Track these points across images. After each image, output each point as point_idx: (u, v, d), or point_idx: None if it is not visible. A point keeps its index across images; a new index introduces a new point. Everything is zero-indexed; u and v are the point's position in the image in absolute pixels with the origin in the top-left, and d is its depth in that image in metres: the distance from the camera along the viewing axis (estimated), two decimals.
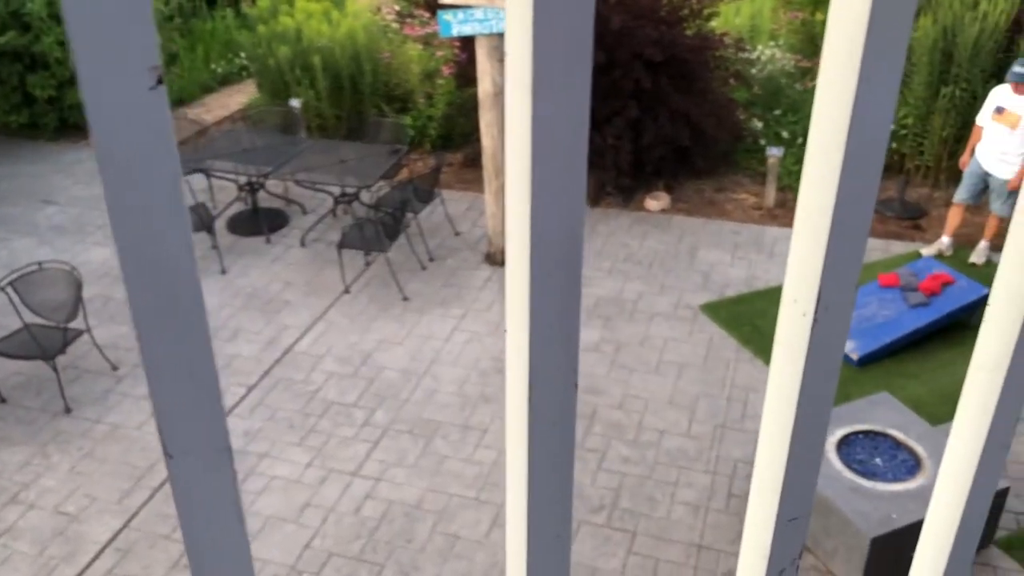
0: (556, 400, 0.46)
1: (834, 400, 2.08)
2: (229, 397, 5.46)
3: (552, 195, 0.40)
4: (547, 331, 0.44)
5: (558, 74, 0.37)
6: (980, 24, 7.34)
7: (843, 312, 0.47)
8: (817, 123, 0.42)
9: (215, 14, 11.01)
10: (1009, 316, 0.50)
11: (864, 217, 0.44)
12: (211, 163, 7.12)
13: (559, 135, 0.39)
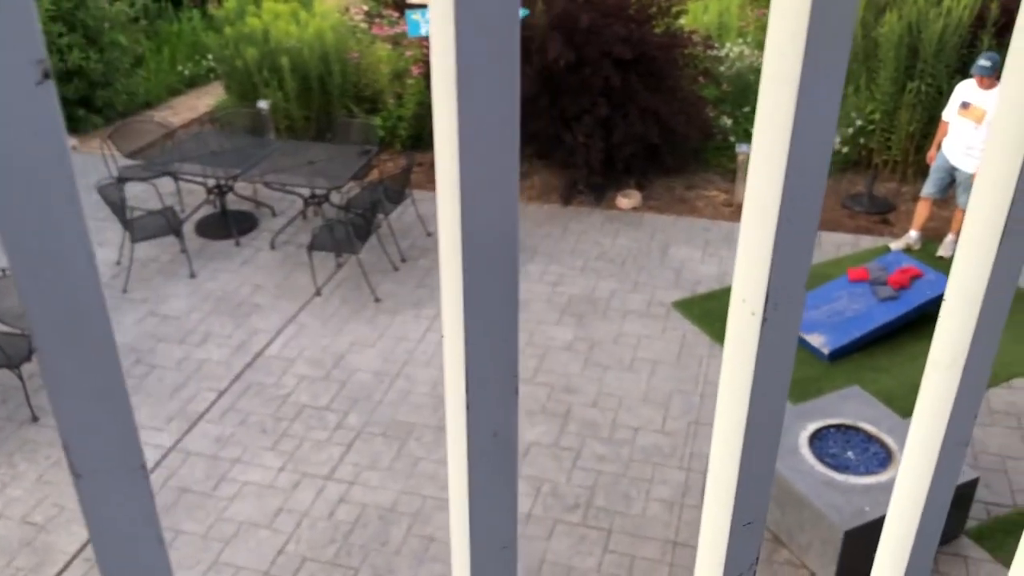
0: (496, 408, 0.45)
1: (809, 395, 2.07)
2: (200, 403, 5.40)
3: (483, 194, 0.38)
4: (483, 336, 0.42)
5: (484, 66, 0.35)
6: (944, 20, 7.41)
7: (793, 311, 0.46)
8: (761, 121, 0.40)
9: (181, 16, 10.90)
10: (964, 314, 0.49)
11: (812, 215, 0.43)
12: (179, 166, 7.04)
13: (487, 131, 0.37)
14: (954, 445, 0.53)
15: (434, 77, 0.37)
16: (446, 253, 0.41)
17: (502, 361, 0.43)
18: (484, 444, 0.45)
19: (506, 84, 0.36)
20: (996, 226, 0.47)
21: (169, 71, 10.17)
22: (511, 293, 0.42)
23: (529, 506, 4.63)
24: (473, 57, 0.35)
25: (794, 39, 0.38)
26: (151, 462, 4.93)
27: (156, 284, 6.60)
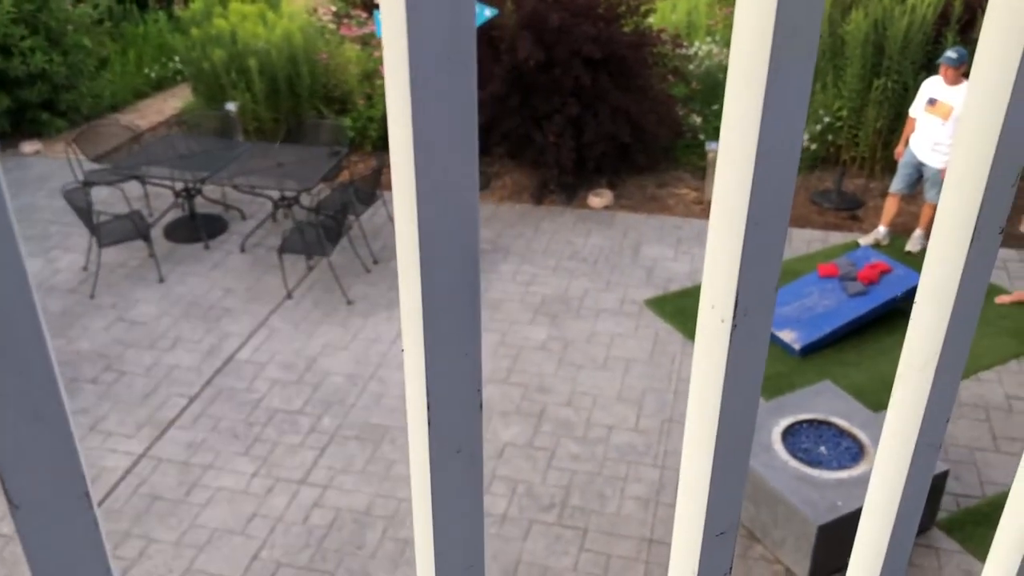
0: (459, 425, 0.44)
1: (781, 390, 2.07)
2: (170, 408, 5.33)
3: (441, 203, 0.37)
4: (444, 351, 0.41)
5: (438, 64, 0.34)
6: (909, 17, 7.49)
7: (763, 317, 0.45)
8: (727, 125, 0.40)
9: (147, 17, 10.78)
10: (935, 316, 0.48)
11: (780, 220, 0.42)
12: (146, 169, 6.96)
13: (444, 136, 0.36)
14: (927, 447, 0.52)
15: (387, 82, 0.35)
16: (404, 267, 0.39)
17: (464, 377, 0.42)
18: (447, 461, 0.44)
19: (462, 88, 0.35)
20: (966, 228, 0.47)
21: (135, 73, 10.05)
22: (472, 306, 0.40)
23: (504, 507, 4.62)
24: (426, 59, 0.33)
25: (761, 38, 0.37)
26: (121, 470, 4.87)
27: (124, 289, 6.52)
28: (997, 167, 0.45)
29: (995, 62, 0.44)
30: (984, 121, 0.45)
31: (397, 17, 0.33)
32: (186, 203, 7.21)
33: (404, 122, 0.35)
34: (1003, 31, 0.44)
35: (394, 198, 0.38)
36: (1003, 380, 5.45)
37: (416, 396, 0.42)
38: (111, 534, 4.48)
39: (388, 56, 0.34)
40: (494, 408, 5.31)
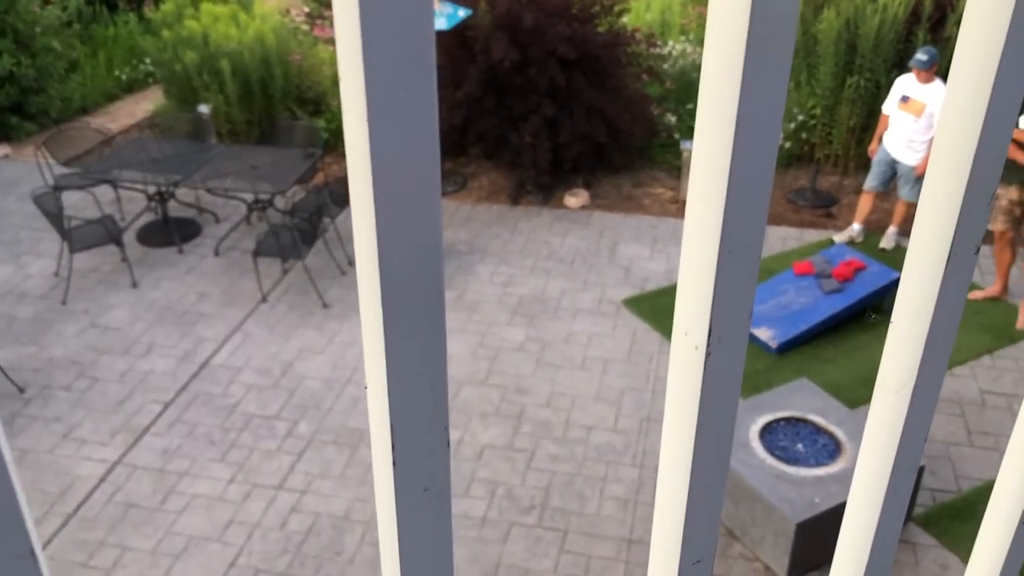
0: (425, 463, 0.42)
1: (758, 388, 2.07)
2: (145, 415, 5.28)
3: (402, 227, 0.35)
4: (408, 389, 0.39)
5: (395, 60, 0.32)
6: (881, 15, 7.55)
7: (737, 344, 0.44)
8: (700, 142, 0.39)
9: (117, 19, 10.66)
10: (912, 337, 0.48)
11: (754, 246, 0.41)
12: (118, 173, 6.88)
13: (402, 133, 0.34)
14: (905, 470, 0.52)
15: (341, 84, 0.34)
16: (365, 305, 0.38)
17: (430, 414, 0.41)
18: (414, 500, 0.43)
19: (422, 95, 0.33)
20: (941, 248, 0.46)
21: (105, 76, 9.94)
22: (437, 341, 0.39)
23: (484, 509, 4.61)
24: (381, 56, 0.31)
25: (733, 46, 0.35)
26: (95, 478, 4.81)
27: (97, 295, 6.44)
28: (972, 187, 0.44)
29: (968, 89, 0.44)
30: (958, 143, 0.44)
31: (350, 12, 0.31)
32: (159, 207, 7.14)
33: (361, 136, 0.33)
34: (973, 69, 0.44)
35: (354, 231, 0.37)
36: (977, 375, 5.50)
37: (380, 435, 0.41)
38: (85, 543, 4.43)
39: (341, 53, 0.33)
40: (473, 410, 5.29)
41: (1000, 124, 0.43)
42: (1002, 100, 0.43)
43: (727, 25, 0.37)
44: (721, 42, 0.36)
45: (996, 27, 0.44)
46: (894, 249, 6.76)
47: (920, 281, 0.47)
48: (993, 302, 6.16)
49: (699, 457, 0.45)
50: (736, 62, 0.35)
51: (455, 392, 5.43)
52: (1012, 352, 5.70)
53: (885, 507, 0.52)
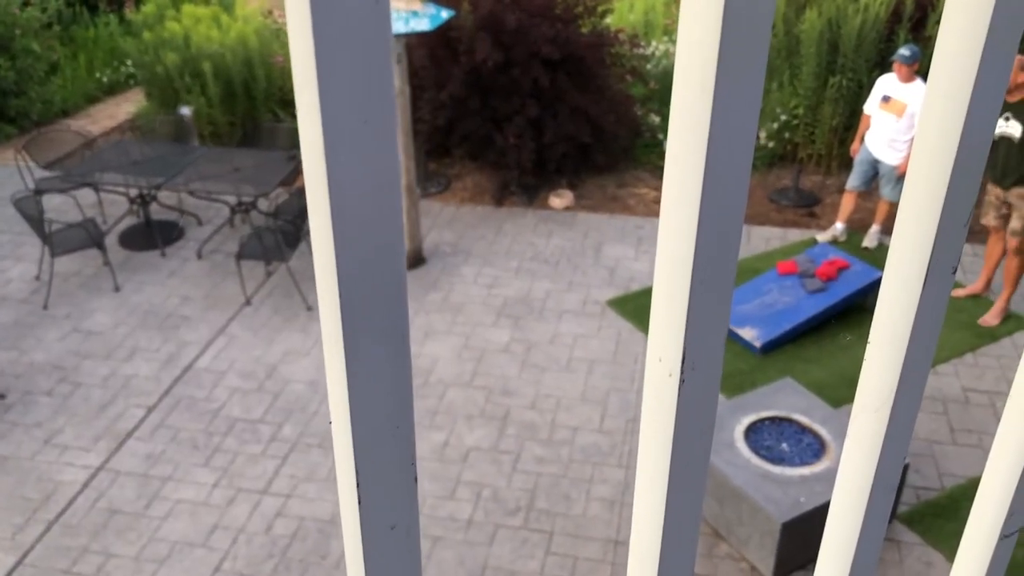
0: (392, 501, 0.42)
1: (743, 388, 2.07)
2: (128, 420, 5.24)
3: (357, 218, 0.34)
4: (373, 423, 0.39)
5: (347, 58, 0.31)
6: (862, 15, 7.59)
7: (711, 371, 0.44)
8: (671, 168, 0.38)
9: (97, 21, 10.58)
10: (889, 358, 0.47)
11: (727, 272, 0.40)
12: (99, 176, 6.83)
13: (359, 137, 0.33)
14: (883, 489, 0.51)
15: (294, 73, 0.32)
16: (328, 339, 0.37)
17: (396, 451, 0.40)
18: (381, 539, 0.42)
19: (380, 91, 0.32)
20: (919, 270, 0.46)
21: (86, 78, 9.87)
22: (403, 378, 0.38)
23: (470, 512, 4.60)
24: (333, 50, 0.30)
25: (705, 51, 0.35)
26: (78, 484, 4.78)
27: (79, 299, 6.40)
28: (948, 208, 0.44)
29: (943, 111, 0.43)
30: (934, 165, 0.44)
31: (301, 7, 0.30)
32: (141, 210, 7.09)
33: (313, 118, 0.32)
34: (946, 97, 0.43)
35: (314, 260, 0.36)
36: (959, 373, 5.53)
37: (345, 472, 0.40)
38: (68, 550, 4.39)
39: (294, 46, 0.31)
40: (458, 412, 5.28)
41: (978, 138, 0.42)
42: (979, 114, 0.43)
43: (698, 38, 0.36)
44: (692, 60, 0.36)
45: (976, 27, 0.43)
46: (877, 248, 6.80)
47: (897, 302, 0.47)
48: (975, 299, 6.20)
49: (674, 486, 0.44)
50: (707, 90, 0.35)
51: (440, 394, 5.42)
52: (994, 350, 5.74)
53: (864, 526, 0.51)
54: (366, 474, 0.39)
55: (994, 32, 0.42)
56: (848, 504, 0.52)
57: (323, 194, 0.33)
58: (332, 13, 0.30)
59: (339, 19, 0.30)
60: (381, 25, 0.31)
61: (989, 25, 0.42)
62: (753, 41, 0.36)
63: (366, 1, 0.30)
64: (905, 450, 0.52)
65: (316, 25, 0.29)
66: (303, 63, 0.31)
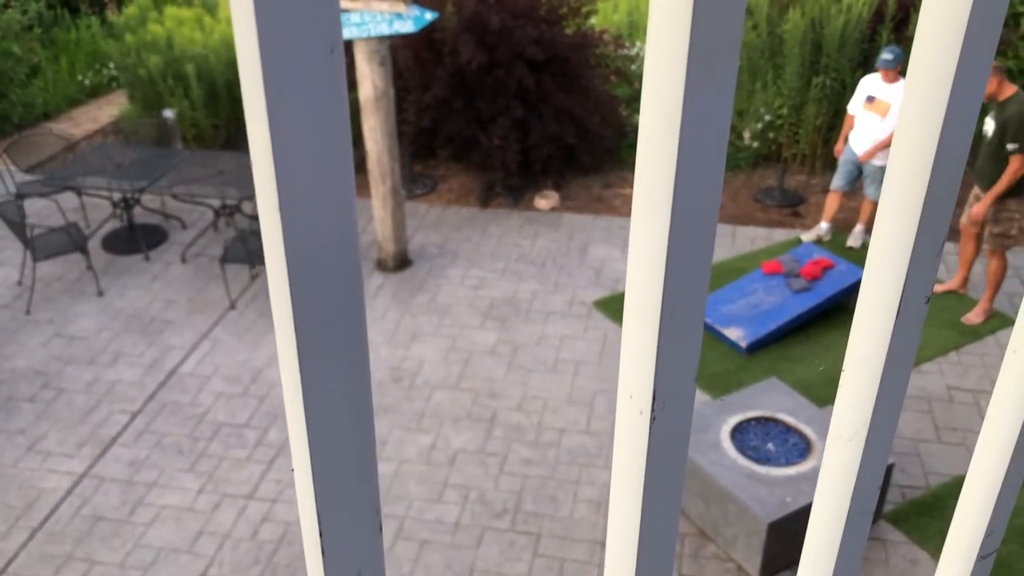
0: (356, 551, 0.41)
1: (728, 388, 2.07)
2: (112, 426, 5.20)
3: (308, 219, 0.33)
4: (336, 474, 0.38)
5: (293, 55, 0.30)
6: (845, 16, 7.62)
7: (682, 408, 0.43)
8: (638, 207, 0.37)
9: (79, 23, 10.51)
10: (864, 387, 0.47)
11: (697, 309, 0.40)
12: (82, 180, 6.78)
13: (307, 137, 0.32)
14: (858, 516, 0.51)
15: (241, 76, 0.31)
16: (288, 388, 0.36)
17: (360, 502, 0.39)
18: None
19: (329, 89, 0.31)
20: (892, 299, 0.45)
21: (68, 81, 9.79)
22: (365, 427, 0.38)
23: (457, 514, 4.59)
24: (279, 45, 0.29)
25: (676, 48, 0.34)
26: (62, 491, 4.74)
27: (62, 304, 6.35)
28: (921, 238, 0.44)
29: (915, 145, 0.43)
30: (907, 196, 0.43)
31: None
32: (124, 214, 7.04)
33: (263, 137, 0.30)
34: (919, 122, 0.43)
35: (270, 289, 0.35)
36: (944, 371, 5.56)
37: (308, 523, 0.39)
38: (52, 558, 4.36)
39: (239, 40, 0.30)
40: (445, 415, 5.27)
41: (950, 173, 0.42)
42: (953, 136, 0.43)
43: (667, 44, 0.36)
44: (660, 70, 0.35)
45: (953, 29, 0.43)
46: (861, 247, 6.82)
47: (871, 332, 0.46)
48: (957, 297, 6.23)
49: (647, 527, 0.44)
50: (673, 124, 0.34)
51: (427, 397, 5.41)
52: (978, 348, 5.77)
53: (841, 554, 0.51)
54: (329, 525, 0.39)
55: (966, 58, 0.41)
56: (824, 532, 0.52)
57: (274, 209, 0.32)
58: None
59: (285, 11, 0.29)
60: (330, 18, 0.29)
61: (963, 39, 0.42)
62: (722, 67, 0.35)
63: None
64: (880, 478, 0.52)
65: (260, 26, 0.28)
66: (247, 51, 0.30)
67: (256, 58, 0.28)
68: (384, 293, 6.46)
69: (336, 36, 0.30)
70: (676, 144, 0.34)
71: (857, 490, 0.49)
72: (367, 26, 5.82)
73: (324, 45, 0.29)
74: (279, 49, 0.28)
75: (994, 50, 0.44)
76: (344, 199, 0.32)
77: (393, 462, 4.93)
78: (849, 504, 0.50)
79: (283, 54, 0.28)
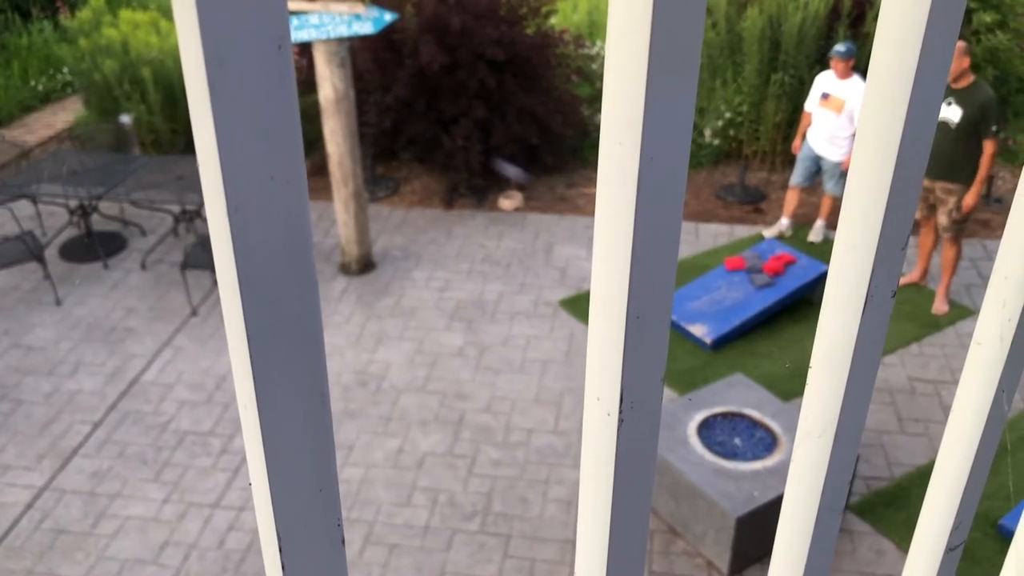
0: (316, 564, 0.40)
1: (694, 384, 2.08)
2: (73, 437, 5.11)
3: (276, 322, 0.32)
4: (294, 485, 0.37)
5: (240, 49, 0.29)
6: (802, 13, 7.70)
7: (650, 409, 0.42)
8: (601, 211, 0.37)
9: (31, 27, 10.32)
10: (831, 383, 0.47)
11: (664, 308, 0.40)
12: (37, 187, 6.66)
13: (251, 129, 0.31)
14: (828, 513, 0.51)
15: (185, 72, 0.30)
16: (242, 397, 0.35)
17: (320, 513, 0.38)
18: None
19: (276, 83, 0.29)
20: (858, 295, 0.45)
21: (20, 86, 9.61)
22: (324, 434, 0.36)
23: (426, 518, 4.57)
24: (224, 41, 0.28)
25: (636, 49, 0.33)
26: (21, 505, 4.65)
27: (19, 314, 6.23)
28: (886, 232, 0.44)
29: (878, 140, 0.43)
30: (871, 189, 0.43)
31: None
32: (82, 221, 6.93)
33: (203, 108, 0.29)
34: (882, 115, 0.43)
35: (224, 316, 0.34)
36: (905, 363, 5.64)
37: (267, 536, 0.38)
38: (12, 573, 4.27)
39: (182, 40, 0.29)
40: (412, 418, 5.25)
41: (912, 170, 0.42)
42: (915, 135, 0.42)
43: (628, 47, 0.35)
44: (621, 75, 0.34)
45: (913, 26, 0.43)
46: (823, 242, 6.90)
47: (838, 326, 0.46)
48: (917, 289, 6.32)
49: (616, 531, 0.43)
50: (635, 130, 0.34)
51: (393, 400, 5.38)
52: (938, 339, 5.86)
53: (812, 551, 0.51)
54: (289, 539, 0.38)
55: (930, 35, 0.41)
56: (795, 530, 0.52)
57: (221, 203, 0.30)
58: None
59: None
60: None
61: (927, 20, 0.42)
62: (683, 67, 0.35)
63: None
64: (850, 474, 0.52)
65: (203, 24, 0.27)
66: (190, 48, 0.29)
67: (199, 55, 0.27)
68: (348, 297, 6.41)
69: (284, 31, 0.28)
70: (639, 145, 0.34)
71: (827, 487, 0.49)
72: (326, 27, 5.78)
73: (272, 41, 0.28)
74: (224, 46, 0.27)
75: (956, 36, 0.44)
76: (296, 199, 0.31)
77: (361, 467, 4.89)
78: (819, 501, 0.50)
79: (229, 50, 0.27)
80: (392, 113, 7.51)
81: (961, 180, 5.72)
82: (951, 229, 5.85)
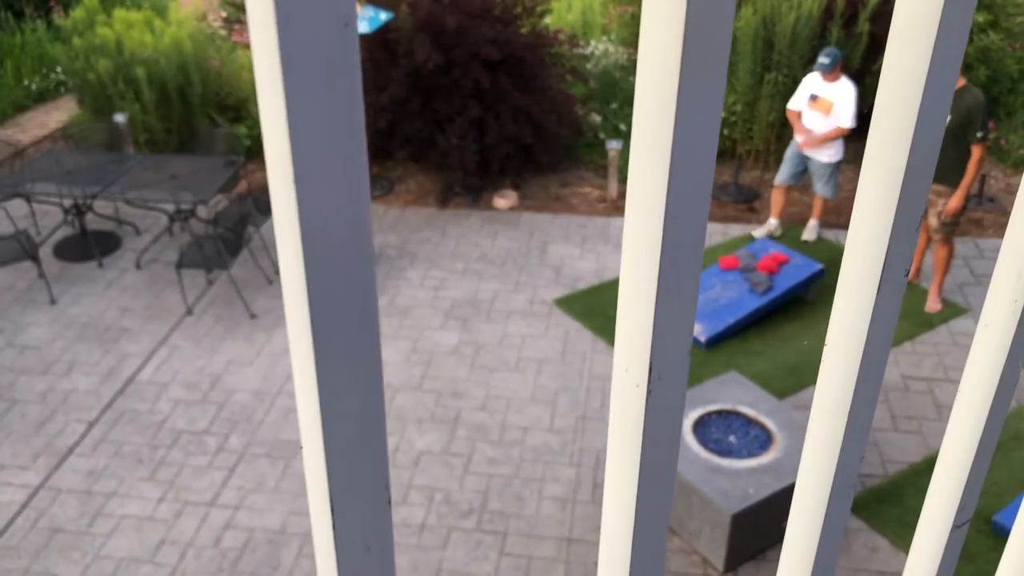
0: (367, 524, 0.41)
1: (689, 383, 2.09)
2: (68, 436, 5.11)
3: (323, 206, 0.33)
4: (347, 448, 0.38)
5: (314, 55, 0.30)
6: (796, 13, 7.73)
7: (678, 380, 0.44)
8: (633, 196, 0.38)
9: (24, 26, 10.29)
10: (846, 362, 0.48)
11: (691, 283, 0.41)
12: (31, 187, 6.64)
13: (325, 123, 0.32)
14: (842, 489, 0.52)
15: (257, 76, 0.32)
16: (299, 370, 0.36)
17: (369, 472, 0.39)
18: (355, 560, 0.41)
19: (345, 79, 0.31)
20: (873, 274, 0.47)
21: (14, 86, 9.59)
22: (375, 396, 0.38)
23: (422, 516, 4.58)
24: (301, 58, 0.29)
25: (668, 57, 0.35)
26: (17, 504, 4.64)
27: (13, 313, 6.22)
28: (902, 211, 0.45)
29: (893, 126, 0.44)
30: (886, 173, 0.45)
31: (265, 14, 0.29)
32: (76, 220, 6.92)
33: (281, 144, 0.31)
34: (896, 110, 0.44)
35: (282, 283, 0.35)
36: (899, 361, 5.67)
37: (318, 495, 0.40)
38: (8, 573, 4.26)
39: (257, 56, 0.31)
40: (408, 416, 5.25)
41: (929, 142, 0.43)
42: (929, 123, 0.44)
43: (661, 47, 0.36)
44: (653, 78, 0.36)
45: (924, 37, 0.44)
46: (816, 240, 6.93)
47: (853, 307, 0.48)
48: (909, 288, 6.36)
49: (643, 498, 0.44)
50: (668, 112, 0.35)
51: (390, 398, 5.39)
52: (931, 337, 5.89)
53: (825, 529, 0.52)
54: (340, 499, 0.39)
55: (941, 41, 0.42)
56: (808, 505, 0.53)
57: (293, 214, 0.32)
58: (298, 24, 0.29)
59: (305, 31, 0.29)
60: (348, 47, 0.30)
61: (937, 32, 0.43)
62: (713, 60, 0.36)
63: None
64: (863, 451, 0.53)
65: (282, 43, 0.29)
66: (268, 75, 0.30)
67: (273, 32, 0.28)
68: None
69: (351, 10, 0.30)
70: (671, 130, 0.35)
71: (841, 463, 0.51)
72: None
73: (339, 18, 0.29)
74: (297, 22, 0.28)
75: (971, 16, 0.45)
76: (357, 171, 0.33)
77: None
78: (833, 477, 0.51)
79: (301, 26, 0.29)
80: (387, 112, 7.51)
81: (950, 182, 5.76)
82: (940, 231, 5.89)
